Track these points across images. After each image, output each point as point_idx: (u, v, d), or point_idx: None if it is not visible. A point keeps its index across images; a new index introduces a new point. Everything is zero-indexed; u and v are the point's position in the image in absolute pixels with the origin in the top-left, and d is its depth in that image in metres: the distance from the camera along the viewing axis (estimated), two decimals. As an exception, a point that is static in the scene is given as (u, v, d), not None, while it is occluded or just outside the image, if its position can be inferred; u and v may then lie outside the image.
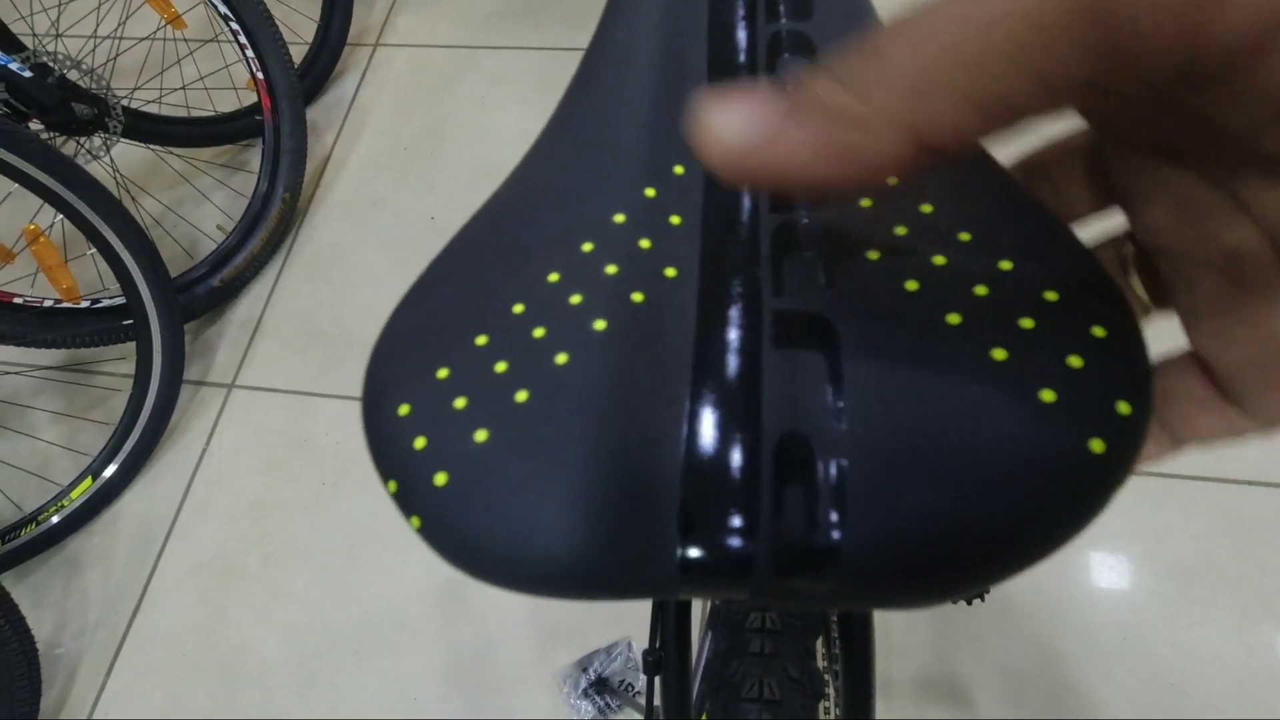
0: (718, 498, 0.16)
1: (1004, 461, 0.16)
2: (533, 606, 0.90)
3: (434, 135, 1.28)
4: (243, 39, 1.06)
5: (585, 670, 0.83)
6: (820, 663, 0.36)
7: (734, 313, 0.19)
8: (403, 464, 0.18)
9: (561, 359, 0.19)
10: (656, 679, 0.34)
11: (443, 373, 0.19)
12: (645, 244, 0.21)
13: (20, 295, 0.94)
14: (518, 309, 0.20)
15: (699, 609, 0.34)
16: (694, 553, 0.16)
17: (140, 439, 1.01)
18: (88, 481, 0.98)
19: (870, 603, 0.17)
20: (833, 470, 0.16)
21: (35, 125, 0.94)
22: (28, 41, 1.05)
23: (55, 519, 0.97)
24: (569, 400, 0.18)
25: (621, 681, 0.82)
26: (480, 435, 0.18)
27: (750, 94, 0.15)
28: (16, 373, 1.10)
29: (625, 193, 0.22)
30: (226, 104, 1.27)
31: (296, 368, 1.09)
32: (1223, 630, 0.79)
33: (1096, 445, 0.16)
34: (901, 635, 0.83)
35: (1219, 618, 0.80)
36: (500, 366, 0.19)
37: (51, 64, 0.93)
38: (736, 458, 0.17)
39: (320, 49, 1.32)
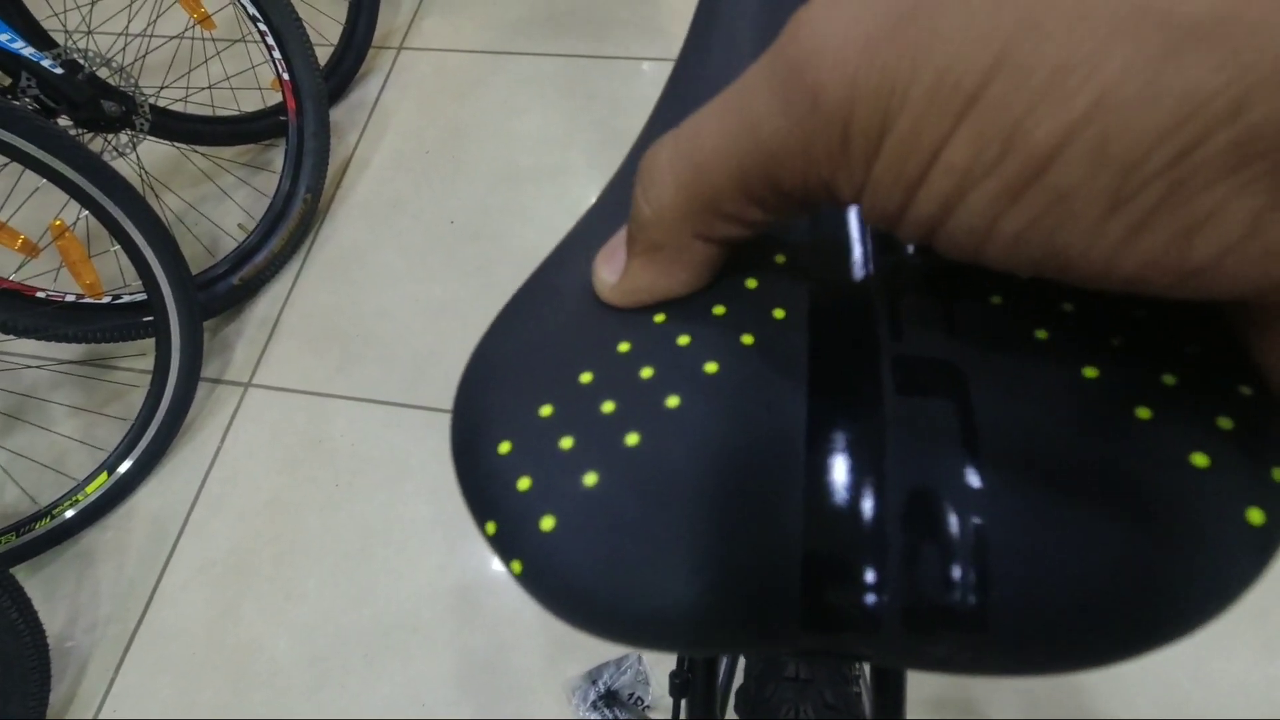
0: (843, 548, 0.16)
1: (1157, 529, 0.15)
2: (543, 616, 0.89)
3: (456, 138, 1.28)
4: (270, 40, 1.07)
5: (595, 682, 0.82)
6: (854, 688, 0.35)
7: (850, 355, 0.18)
8: (505, 505, 0.18)
9: (673, 401, 0.18)
10: (683, 701, 0.33)
11: (546, 410, 0.18)
12: (751, 284, 0.20)
13: (43, 289, 0.94)
14: (623, 348, 0.19)
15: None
16: (818, 605, 0.16)
17: (156, 435, 1.01)
18: (103, 476, 0.99)
19: (1007, 669, 0.16)
20: (970, 527, 0.16)
21: (64, 121, 0.94)
22: (59, 38, 1.06)
23: (70, 513, 0.97)
24: (683, 444, 0.17)
25: (631, 695, 0.81)
26: (590, 479, 0.17)
27: (608, 244, 0.19)
28: (37, 366, 1.11)
29: None
30: (251, 104, 1.28)
31: (313, 368, 1.09)
32: (1246, 663, 0.78)
33: (1255, 516, 0.15)
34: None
35: (1242, 650, 0.79)
36: (608, 406, 0.18)
37: (82, 61, 0.94)
38: (862, 508, 0.16)
39: (345, 51, 1.33)
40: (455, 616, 0.90)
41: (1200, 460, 0.16)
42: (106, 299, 0.98)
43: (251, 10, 1.04)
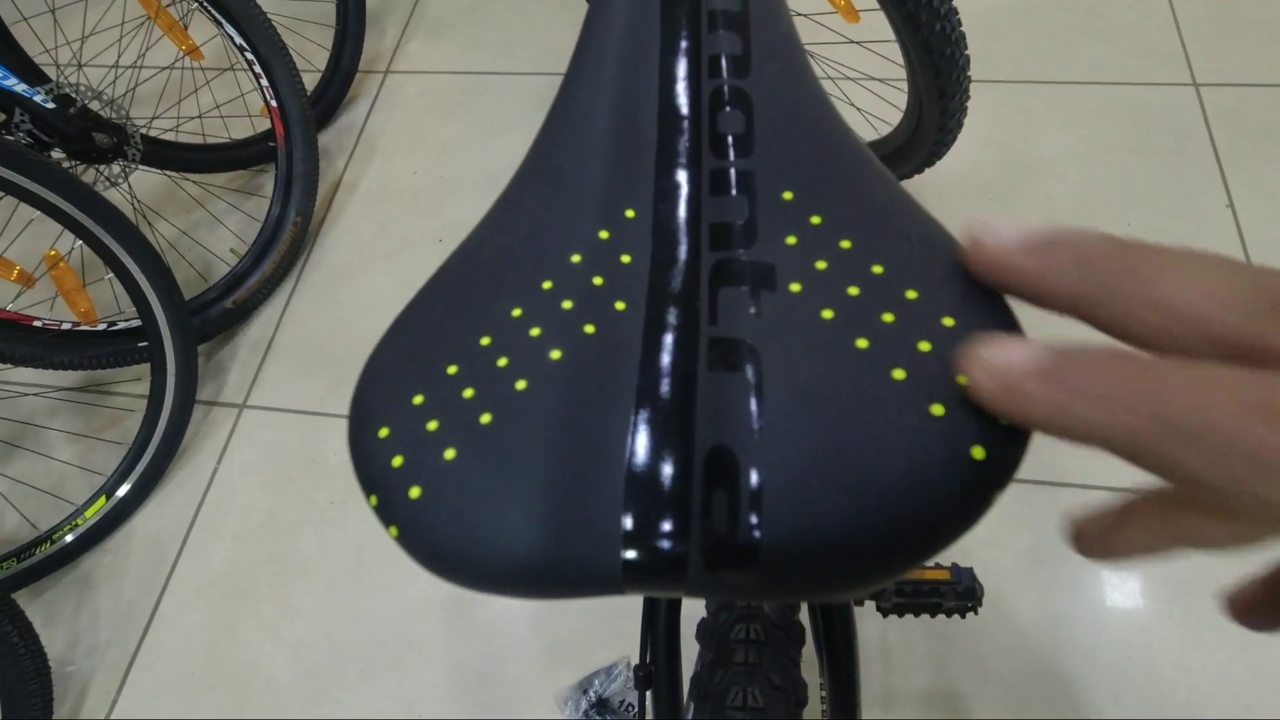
0: (654, 505, 0.19)
1: (898, 467, 0.18)
2: (535, 625, 0.90)
3: (443, 158, 1.30)
4: (258, 68, 1.09)
5: (585, 691, 0.83)
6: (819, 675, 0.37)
7: (673, 340, 0.21)
8: (382, 480, 0.21)
9: (521, 385, 0.21)
10: (648, 693, 0.35)
11: (418, 399, 0.22)
12: (598, 281, 0.23)
13: (40, 318, 0.97)
14: (485, 342, 0.22)
15: (688, 624, 0.35)
16: (633, 555, 0.19)
17: (153, 458, 1.03)
18: (101, 500, 1.00)
19: (787, 593, 0.19)
20: (753, 478, 0.19)
21: (57, 154, 0.97)
22: (51, 72, 1.09)
23: (69, 537, 0.99)
24: (527, 421, 0.20)
25: (622, 702, 0.82)
26: (449, 453, 0.20)
27: (1024, 343, 0.18)
28: (35, 394, 1.12)
29: (582, 235, 0.24)
30: (241, 130, 1.30)
31: (306, 388, 1.11)
32: (1230, 652, 0.79)
33: (978, 452, 0.19)
34: (902, 653, 0.83)
35: (1227, 639, 0.80)
36: (468, 393, 0.21)
37: (74, 95, 0.96)
38: (670, 469, 0.19)
39: (332, 77, 1.35)
40: (448, 629, 0.91)
41: (938, 410, 0.19)
42: (102, 326, 1.00)
43: (239, 40, 1.06)
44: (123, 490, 1.01)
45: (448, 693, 0.88)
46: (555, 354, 0.22)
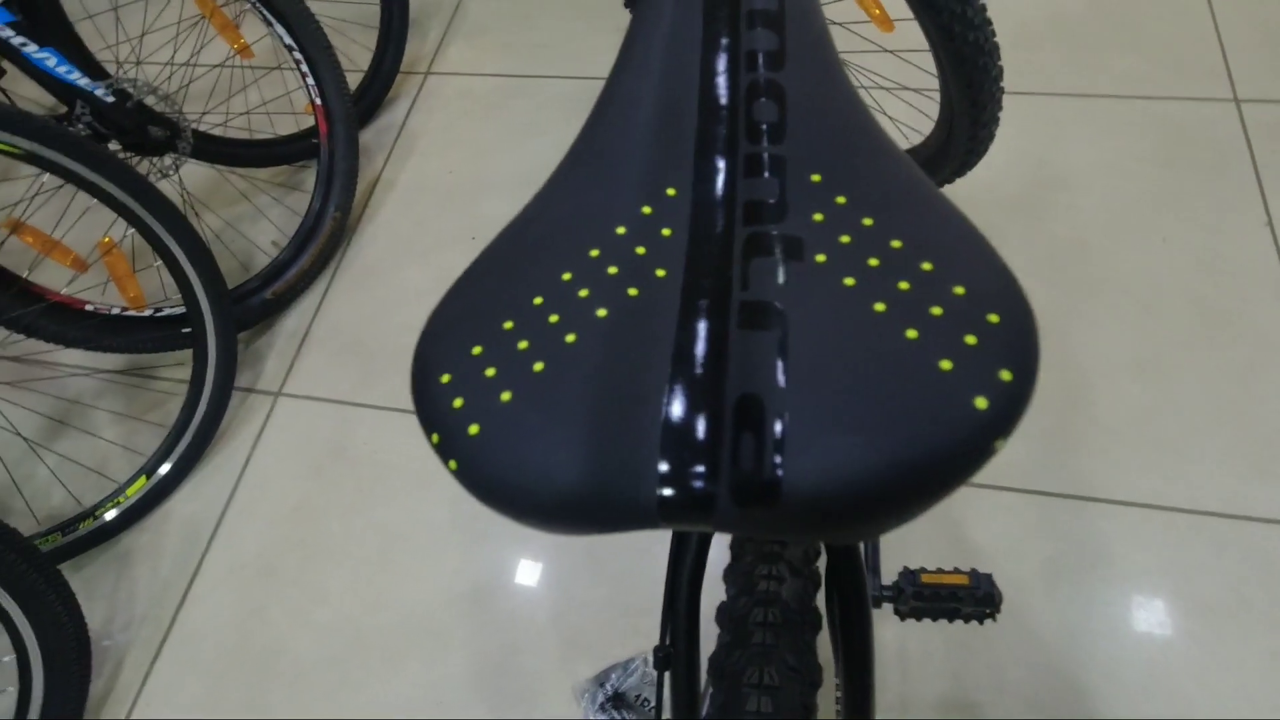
0: (688, 448, 0.21)
1: (909, 416, 0.20)
2: (554, 618, 0.92)
3: (479, 158, 1.33)
4: (305, 68, 1.13)
5: (602, 685, 0.84)
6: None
7: (708, 303, 0.24)
8: (444, 420, 0.23)
9: (570, 338, 0.24)
10: (666, 675, 0.36)
11: (477, 350, 0.24)
12: (641, 250, 0.26)
13: (91, 303, 1.01)
14: (537, 301, 0.25)
15: (707, 609, 0.36)
16: (669, 492, 0.21)
17: (193, 441, 1.06)
18: (142, 480, 1.04)
19: (806, 529, 0.21)
20: (777, 424, 0.21)
21: (114, 145, 1.01)
22: (111, 68, 1.13)
23: (110, 514, 1.02)
24: (576, 370, 0.23)
25: (638, 696, 0.83)
26: (505, 396, 0.23)
27: None
28: (85, 375, 1.17)
29: (627, 210, 0.27)
30: (286, 127, 1.34)
31: (339, 379, 1.14)
32: (1253, 671, 0.78)
33: (980, 402, 0.21)
34: (920, 660, 0.83)
35: (1249, 658, 0.78)
36: (522, 345, 0.24)
37: (131, 90, 1.00)
38: (702, 416, 0.21)
39: (375, 77, 1.39)
40: (470, 619, 0.93)
41: (946, 365, 0.21)
42: (149, 312, 1.04)
43: (288, 40, 1.10)
44: (163, 470, 1.05)
45: (466, 682, 0.90)
46: (601, 312, 0.24)
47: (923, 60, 0.89)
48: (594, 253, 0.25)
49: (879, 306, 0.23)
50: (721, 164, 0.26)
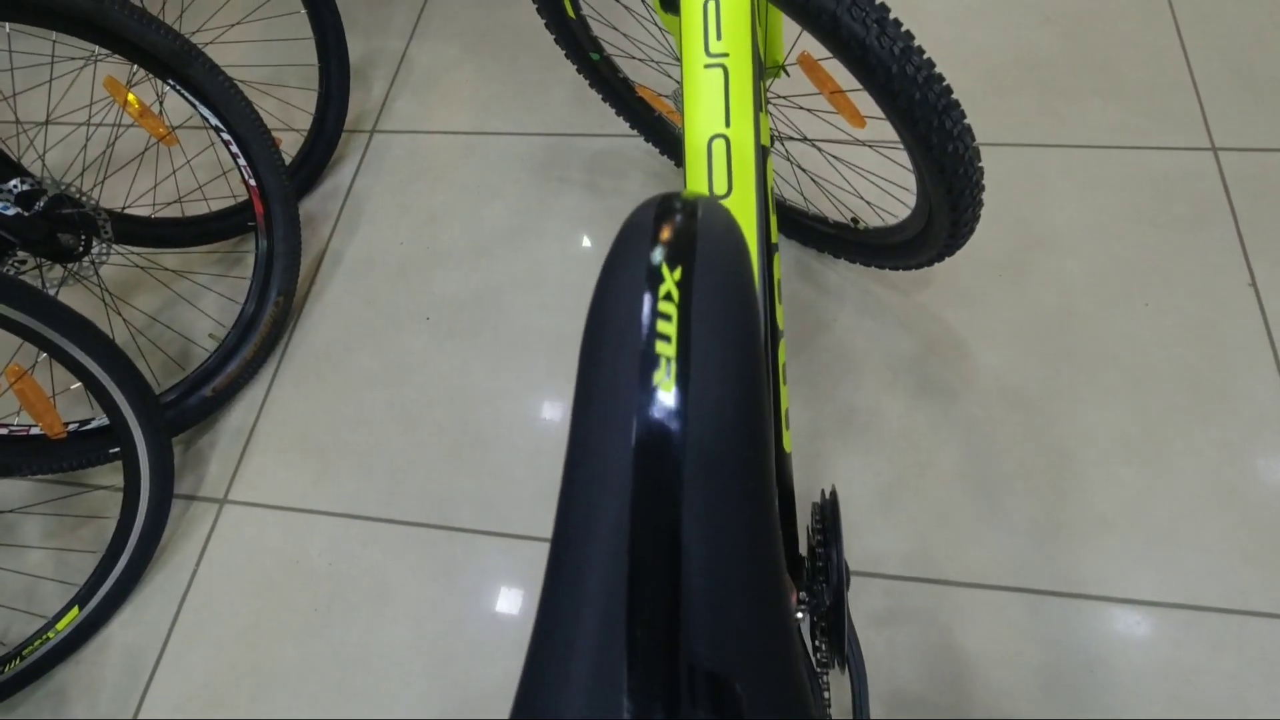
0: None
1: None
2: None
3: (431, 226, 1.25)
4: (234, 148, 1.05)
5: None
6: None
7: None
8: None
9: None
10: None
11: None
12: None
13: (6, 425, 0.92)
14: None
15: None
16: None
17: (130, 562, 0.98)
18: (75, 611, 0.96)
19: None
20: None
21: (21, 254, 0.92)
22: (11, 166, 1.04)
23: (40, 652, 0.94)
24: None
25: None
26: None
27: None
28: (7, 484, 1.08)
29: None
30: (221, 196, 1.26)
31: (289, 481, 1.07)
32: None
33: None
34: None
35: None
36: None
37: (35, 187, 0.91)
38: None
39: (317, 139, 1.31)
40: (437, 756, 0.87)
41: None
42: (72, 427, 0.96)
43: (214, 121, 1.02)
44: (96, 599, 0.97)
45: (437, 822, 0.84)
46: None
47: (899, 155, 0.84)
48: None
49: None
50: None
